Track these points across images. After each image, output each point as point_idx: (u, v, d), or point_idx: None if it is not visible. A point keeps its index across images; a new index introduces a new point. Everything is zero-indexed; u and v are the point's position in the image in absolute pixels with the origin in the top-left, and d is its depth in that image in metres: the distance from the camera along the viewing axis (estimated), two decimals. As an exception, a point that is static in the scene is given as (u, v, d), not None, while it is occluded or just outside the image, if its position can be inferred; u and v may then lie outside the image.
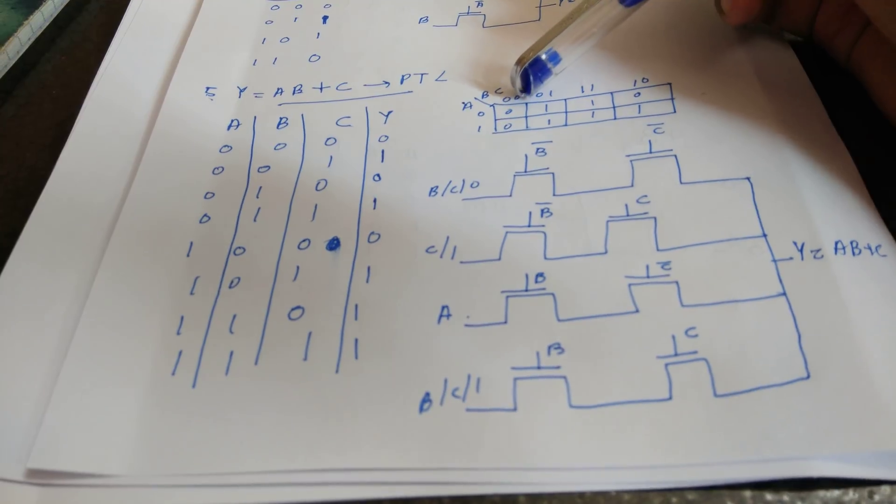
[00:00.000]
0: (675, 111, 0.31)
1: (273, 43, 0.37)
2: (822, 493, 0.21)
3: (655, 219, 0.27)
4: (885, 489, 0.21)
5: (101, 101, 0.34)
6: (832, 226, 0.26)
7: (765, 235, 0.26)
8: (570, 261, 0.26)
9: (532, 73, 0.31)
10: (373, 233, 0.28)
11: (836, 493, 0.21)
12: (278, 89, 0.34)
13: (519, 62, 0.31)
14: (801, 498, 0.21)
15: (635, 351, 0.24)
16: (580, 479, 0.22)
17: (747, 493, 0.22)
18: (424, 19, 0.37)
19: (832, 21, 0.30)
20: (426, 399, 0.23)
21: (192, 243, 0.28)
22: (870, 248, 0.25)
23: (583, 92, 0.32)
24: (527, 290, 0.26)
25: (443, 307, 0.26)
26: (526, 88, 0.32)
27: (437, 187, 0.29)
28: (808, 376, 0.23)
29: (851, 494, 0.21)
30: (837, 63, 0.31)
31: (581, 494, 0.22)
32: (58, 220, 0.30)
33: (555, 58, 0.31)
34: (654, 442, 0.22)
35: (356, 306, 0.26)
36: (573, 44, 0.31)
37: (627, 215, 0.27)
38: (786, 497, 0.21)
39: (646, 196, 0.28)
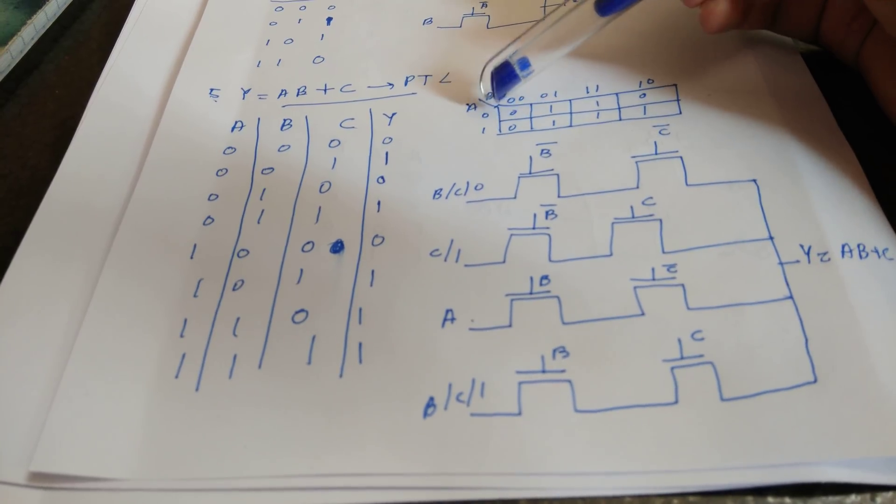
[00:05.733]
0: (680, 112, 0.30)
1: (277, 44, 0.37)
2: (824, 497, 0.21)
3: (661, 221, 0.27)
4: (888, 494, 0.21)
5: (106, 102, 0.34)
6: (839, 228, 0.26)
7: (771, 238, 0.26)
8: (575, 263, 0.26)
9: (500, 78, 0.31)
10: (377, 235, 0.28)
11: (838, 497, 0.21)
12: (282, 91, 0.34)
13: (487, 65, 0.31)
14: (803, 501, 0.21)
15: (641, 354, 0.24)
16: (585, 484, 0.22)
17: (749, 499, 0.21)
18: (429, 20, 0.37)
19: (837, 27, 0.30)
20: (430, 404, 0.23)
21: (195, 245, 0.28)
22: (877, 252, 0.25)
23: (587, 93, 0.32)
24: (531, 293, 0.26)
25: (447, 311, 0.26)
26: (496, 93, 0.31)
27: (441, 189, 0.29)
28: (816, 380, 0.22)
29: (854, 498, 0.21)
30: (843, 63, 0.31)
31: (585, 499, 0.22)
32: (62, 221, 0.30)
33: (525, 65, 0.31)
34: (660, 446, 0.22)
35: (360, 310, 0.26)
36: (545, 51, 0.31)
37: (633, 217, 0.27)
38: (787, 500, 0.21)
39: (651, 198, 0.28)
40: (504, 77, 0.31)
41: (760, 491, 0.21)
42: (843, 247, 0.25)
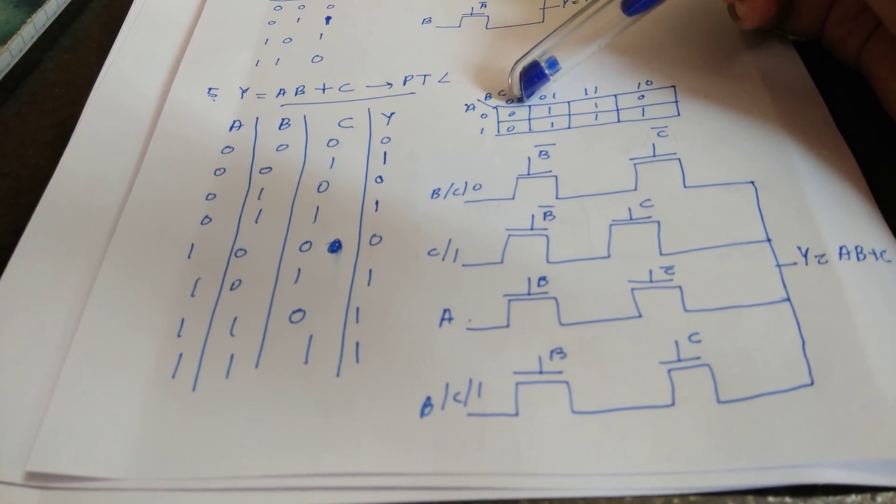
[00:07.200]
0: (678, 114, 0.30)
1: (276, 43, 0.37)
2: (824, 498, 0.21)
3: (659, 223, 0.27)
4: (888, 494, 0.21)
5: (104, 100, 0.34)
6: (837, 230, 0.26)
7: (769, 240, 0.26)
8: (573, 264, 0.26)
9: (528, 78, 0.31)
10: (374, 235, 0.28)
11: (838, 496, 0.21)
12: (281, 90, 0.34)
13: (516, 65, 0.31)
14: (803, 501, 0.21)
15: (638, 356, 0.24)
16: (582, 484, 0.22)
17: (750, 499, 0.21)
18: (428, 20, 0.37)
19: (842, 24, 0.30)
20: (427, 403, 0.23)
21: (193, 245, 0.28)
22: (874, 254, 0.25)
23: (586, 94, 0.32)
24: (529, 294, 0.26)
25: (444, 311, 0.26)
26: (525, 92, 0.32)
27: (439, 189, 0.29)
28: (812, 383, 0.22)
29: (854, 497, 0.21)
30: (844, 65, 0.31)
31: (582, 499, 0.22)
32: (60, 220, 0.30)
33: (553, 64, 0.31)
34: (657, 449, 0.22)
35: (357, 309, 0.26)
36: (572, 51, 0.31)
37: (631, 219, 0.27)
38: (788, 500, 0.21)
39: (649, 200, 0.28)
40: (533, 77, 0.31)
41: (761, 491, 0.21)
42: (841, 249, 0.25)
